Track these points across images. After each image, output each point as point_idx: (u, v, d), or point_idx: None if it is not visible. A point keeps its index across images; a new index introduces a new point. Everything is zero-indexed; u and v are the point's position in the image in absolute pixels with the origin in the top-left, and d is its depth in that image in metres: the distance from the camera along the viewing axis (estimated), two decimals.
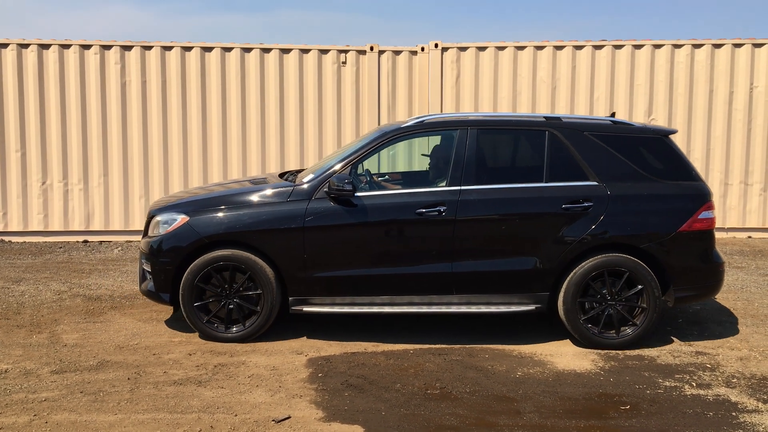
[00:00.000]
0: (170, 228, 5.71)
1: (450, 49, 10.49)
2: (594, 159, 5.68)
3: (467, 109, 10.51)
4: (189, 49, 10.26)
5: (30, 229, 10.19)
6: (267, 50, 10.37)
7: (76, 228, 10.25)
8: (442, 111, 10.50)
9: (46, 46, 10.08)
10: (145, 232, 6.05)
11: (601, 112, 10.46)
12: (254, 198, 5.77)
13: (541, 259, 5.56)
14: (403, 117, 10.54)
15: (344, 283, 5.64)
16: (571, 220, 5.56)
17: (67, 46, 10.10)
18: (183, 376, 4.98)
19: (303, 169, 6.99)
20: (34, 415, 4.34)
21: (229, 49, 10.31)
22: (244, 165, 10.36)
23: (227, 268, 5.61)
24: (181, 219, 5.70)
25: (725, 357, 5.47)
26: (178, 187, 10.29)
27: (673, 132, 5.96)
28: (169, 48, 10.23)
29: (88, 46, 10.13)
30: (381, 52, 10.49)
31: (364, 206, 5.60)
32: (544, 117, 5.93)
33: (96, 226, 10.27)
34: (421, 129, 5.92)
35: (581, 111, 10.46)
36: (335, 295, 5.66)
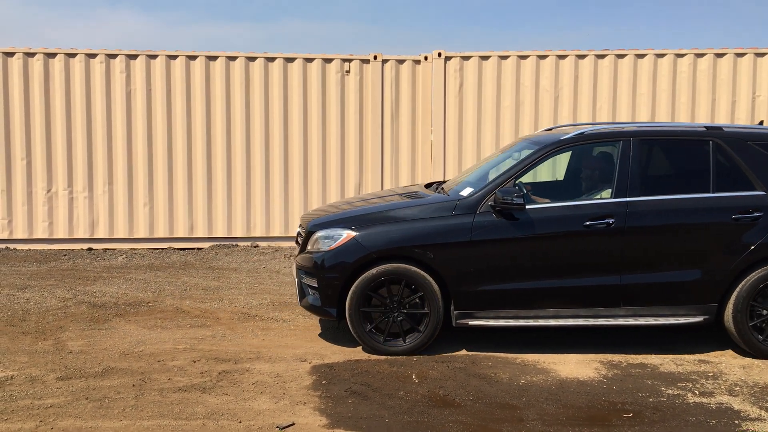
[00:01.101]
0: (336, 243, 5.69)
1: (453, 58, 10.54)
2: (760, 168, 5.70)
3: (470, 119, 10.54)
4: (194, 58, 10.32)
5: (35, 236, 10.24)
6: (271, 59, 10.43)
7: (80, 236, 10.29)
8: (444, 120, 10.53)
9: (52, 55, 10.15)
10: (302, 248, 6.02)
11: (604, 121, 10.49)
12: (418, 212, 5.77)
13: (711, 270, 5.57)
14: (407, 126, 10.59)
15: (510, 296, 5.62)
16: (741, 230, 5.57)
17: (73, 55, 10.17)
18: (187, 383, 5.00)
19: (445, 181, 7.00)
20: (40, 421, 4.37)
21: (233, 58, 10.37)
22: (248, 174, 10.40)
23: (392, 282, 5.58)
24: (347, 234, 5.68)
25: (728, 365, 5.47)
26: (182, 195, 10.33)
27: None
28: (174, 57, 10.30)
29: (93, 55, 10.20)
30: (384, 61, 10.55)
31: (530, 219, 5.60)
32: (704, 126, 5.94)
33: (100, 233, 10.32)
34: (582, 141, 5.94)
35: (584, 120, 10.48)
36: (500, 308, 5.64)
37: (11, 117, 10.12)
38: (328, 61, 10.50)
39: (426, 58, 10.59)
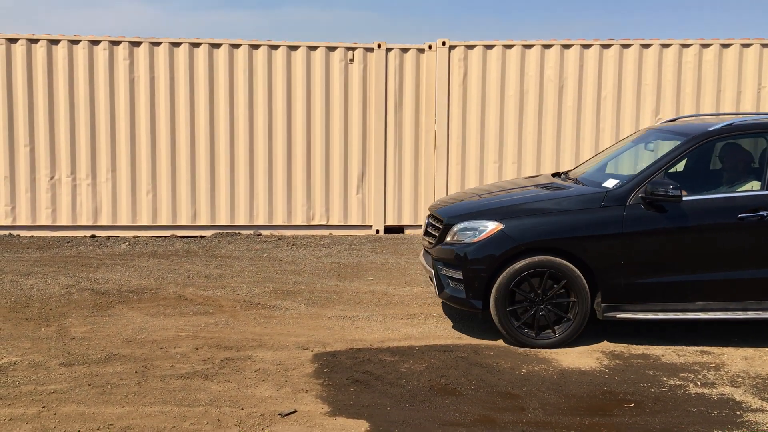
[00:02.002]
0: (482, 236, 5.66)
1: (457, 47, 10.49)
2: None
3: (474, 108, 10.49)
4: (197, 45, 10.29)
5: (38, 223, 10.25)
6: (275, 47, 10.39)
7: (83, 223, 10.30)
8: (448, 109, 10.49)
9: (55, 42, 10.13)
10: (439, 240, 6.00)
11: (608, 112, 10.45)
12: (565, 204, 5.75)
13: None
14: (411, 115, 10.56)
15: (660, 289, 5.59)
16: None
17: (76, 42, 10.15)
18: (190, 370, 5.02)
19: (567, 171, 7.07)
20: (43, 407, 4.39)
21: (237, 46, 10.34)
22: (251, 162, 10.39)
23: (538, 275, 5.55)
24: (494, 226, 5.66)
25: (730, 356, 5.47)
26: (185, 183, 10.33)
27: None
28: (178, 44, 10.27)
29: (96, 42, 10.18)
30: (388, 50, 10.51)
31: (682, 211, 5.56)
32: None
33: (104, 220, 10.33)
34: (732, 132, 5.89)
35: (588, 110, 10.45)
36: (649, 301, 5.60)
37: (15, 104, 10.11)
38: (332, 49, 10.46)
39: (430, 47, 10.55)
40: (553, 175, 7.01)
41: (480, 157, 10.56)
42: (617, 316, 5.59)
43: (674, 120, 6.60)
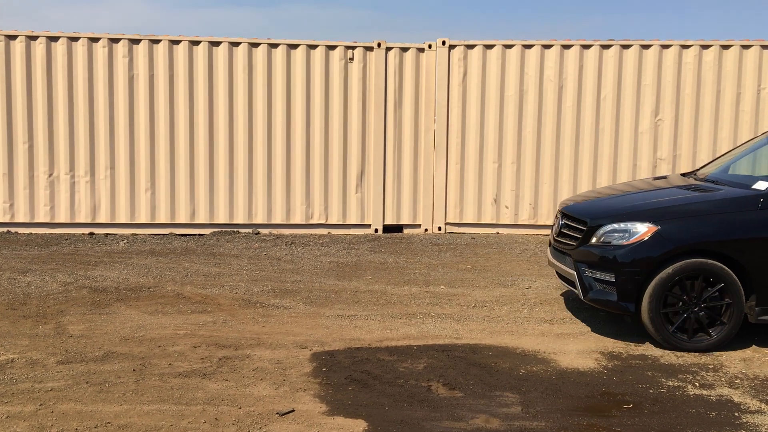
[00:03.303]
0: (636, 237, 5.62)
1: (457, 47, 10.48)
2: None
3: (473, 108, 10.50)
4: (197, 43, 10.28)
5: (36, 220, 10.23)
6: (275, 45, 10.38)
7: (82, 220, 10.29)
8: (448, 109, 10.49)
9: (55, 39, 10.11)
10: (582, 241, 5.93)
11: (608, 112, 10.45)
12: (716, 206, 5.70)
13: None
14: (410, 115, 10.55)
15: None
16: None
17: (76, 39, 10.13)
18: (188, 369, 5.01)
19: (695, 171, 7.08)
20: (40, 405, 4.38)
21: (236, 44, 10.32)
22: (250, 160, 10.38)
23: (692, 278, 5.49)
24: (648, 228, 5.62)
25: (729, 357, 5.47)
26: (184, 181, 10.32)
27: None
28: (177, 42, 10.25)
29: (96, 39, 10.16)
30: (388, 49, 10.50)
31: None
32: None
33: (102, 218, 10.31)
34: None
35: (588, 110, 10.46)
36: None
37: (13, 100, 10.09)
38: (332, 48, 10.45)
39: (430, 47, 10.54)
40: (683, 175, 6.98)
41: (479, 156, 10.56)
42: None
43: None
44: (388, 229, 10.67)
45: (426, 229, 10.69)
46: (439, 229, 10.66)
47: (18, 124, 10.12)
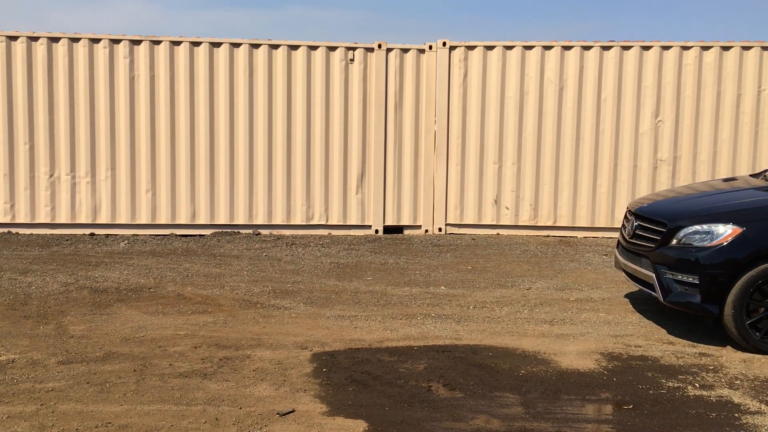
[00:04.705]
0: (720, 239, 5.59)
1: (458, 48, 10.49)
2: None
3: (474, 109, 10.51)
4: (198, 44, 10.29)
5: (37, 221, 10.25)
6: (275, 46, 10.39)
7: (83, 221, 10.30)
8: (448, 110, 10.51)
9: (56, 40, 10.12)
10: (662, 243, 5.89)
11: (608, 114, 10.45)
12: None
13: None
14: (411, 116, 10.56)
15: None
16: None
17: (77, 40, 10.14)
18: (188, 369, 5.01)
19: (765, 171, 7.09)
20: (41, 405, 4.38)
21: (237, 45, 10.33)
22: (251, 161, 10.38)
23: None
24: (733, 229, 5.60)
25: (729, 358, 5.47)
26: (184, 182, 10.32)
27: None
28: (178, 43, 10.27)
29: (97, 40, 10.17)
30: (389, 50, 10.51)
31: None
32: None
33: (103, 219, 10.32)
34: None
35: (588, 112, 10.46)
36: None
37: (14, 101, 10.11)
38: (333, 49, 10.46)
39: (430, 48, 10.55)
40: (752, 176, 6.95)
41: (480, 157, 10.57)
42: None
43: None
44: (388, 230, 10.68)
45: (426, 230, 10.70)
46: (440, 230, 10.66)
47: (19, 124, 10.13)
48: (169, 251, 9.25)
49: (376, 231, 10.61)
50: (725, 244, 5.58)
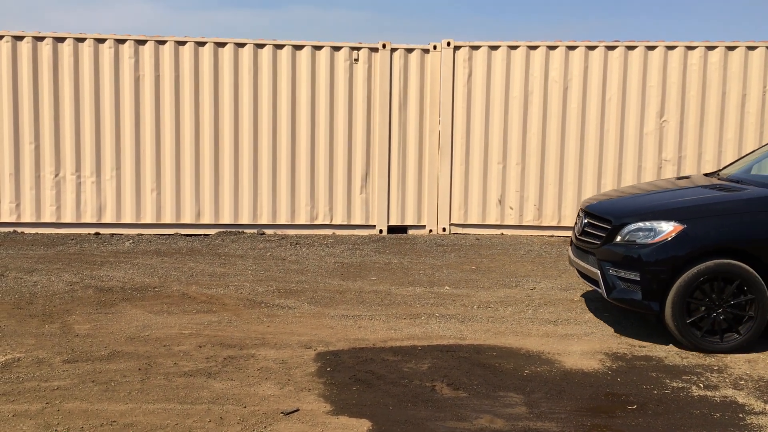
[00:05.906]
0: (662, 236, 5.60)
1: (462, 48, 10.49)
2: None
3: (478, 109, 10.51)
4: (202, 44, 10.31)
5: (42, 220, 10.28)
6: (280, 46, 10.41)
7: (88, 220, 10.33)
8: (453, 110, 10.50)
9: (61, 40, 10.15)
10: (606, 240, 5.90)
11: (613, 113, 10.44)
12: (747, 206, 5.70)
13: None
14: (415, 116, 10.57)
15: None
16: None
17: (82, 40, 10.18)
18: (193, 368, 5.03)
19: (718, 171, 7.13)
20: (47, 403, 4.40)
21: (242, 45, 10.35)
22: (255, 161, 10.40)
23: (714, 279, 5.48)
24: (674, 227, 5.60)
25: (733, 359, 5.46)
26: (189, 181, 10.34)
27: None
28: (183, 43, 10.29)
29: (102, 40, 10.20)
30: (393, 50, 10.51)
31: None
32: None
33: (108, 218, 10.35)
34: None
35: (593, 112, 10.45)
36: None
37: (20, 101, 10.14)
38: (337, 49, 10.47)
39: (435, 48, 10.55)
40: (706, 175, 6.98)
41: (484, 157, 10.57)
42: None
43: None
44: (392, 229, 10.68)
45: (430, 230, 10.70)
46: (444, 230, 10.67)
47: (24, 124, 10.16)
48: (174, 251, 9.27)
49: (380, 231, 10.61)
50: (668, 240, 5.58)
